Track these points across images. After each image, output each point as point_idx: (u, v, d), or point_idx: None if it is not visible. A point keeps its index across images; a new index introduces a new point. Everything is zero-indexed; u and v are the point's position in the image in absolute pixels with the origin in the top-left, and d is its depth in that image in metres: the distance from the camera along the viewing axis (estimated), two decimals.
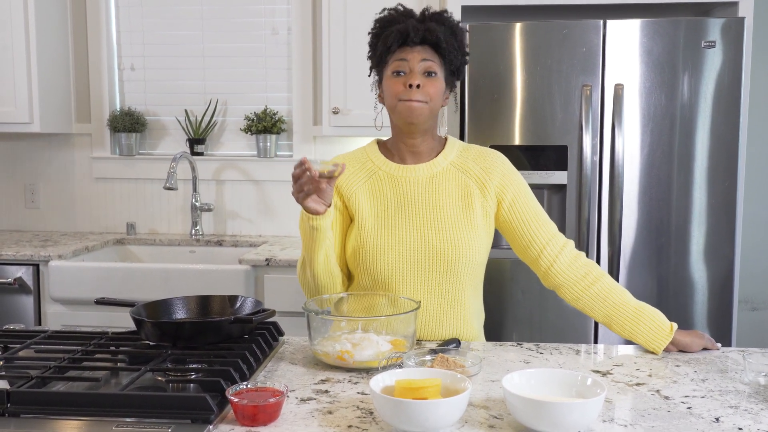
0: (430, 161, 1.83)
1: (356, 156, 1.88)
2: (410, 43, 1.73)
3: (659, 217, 2.63)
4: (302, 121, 3.45)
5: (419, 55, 1.73)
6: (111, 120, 3.50)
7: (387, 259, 1.76)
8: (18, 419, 1.23)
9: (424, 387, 1.23)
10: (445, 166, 1.83)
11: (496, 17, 3.11)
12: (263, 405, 1.22)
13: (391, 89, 1.75)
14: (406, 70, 1.74)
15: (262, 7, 3.47)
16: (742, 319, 3.28)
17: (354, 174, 1.84)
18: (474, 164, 1.83)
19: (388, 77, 1.77)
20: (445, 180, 1.81)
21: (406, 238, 1.77)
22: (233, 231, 3.54)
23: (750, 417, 1.27)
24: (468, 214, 1.79)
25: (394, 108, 1.76)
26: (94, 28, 3.50)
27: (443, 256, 1.76)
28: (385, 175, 1.83)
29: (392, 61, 1.75)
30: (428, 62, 1.74)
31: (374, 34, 1.82)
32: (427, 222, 1.77)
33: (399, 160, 1.84)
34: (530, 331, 2.69)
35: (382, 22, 1.80)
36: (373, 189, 1.82)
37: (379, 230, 1.77)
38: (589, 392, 1.26)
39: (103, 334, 1.66)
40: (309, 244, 1.71)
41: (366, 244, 1.77)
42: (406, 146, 1.83)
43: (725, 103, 2.58)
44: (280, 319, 1.78)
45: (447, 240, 1.76)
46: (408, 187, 1.81)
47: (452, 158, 1.84)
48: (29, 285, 2.94)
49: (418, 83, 1.71)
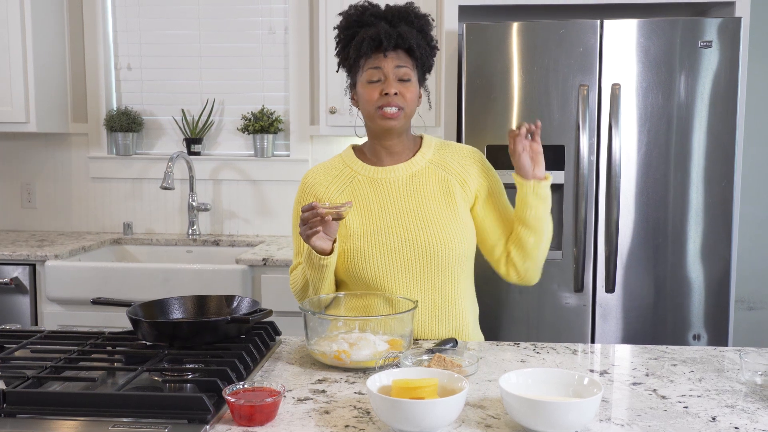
0: (408, 161, 1.85)
1: (333, 164, 1.90)
2: (383, 50, 1.74)
3: (656, 217, 2.63)
4: (299, 120, 3.45)
5: (393, 62, 1.75)
6: (108, 120, 3.50)
7: (376, 262, 1.76)
8: (14, 419, 1.23)
9: (421, 387, 1.23)
10: (423, 165, 1.84)
11: (493, 17, 3.11)
12: (260, 405, 1.21)
13: (366, 96, 1.77)
14: (381, 78, 1.75)
15: (259, 7, 3.47)
16: (739, 319, 3.28)
17: (332, 182, 1.85)
18: (453, 160, 1.86)
19: (362, 84, 1.78)
20: (425, 177, 1.83)
21: (393, 238, 1.77)
22: (230, 231, 3.54)
23: (746, 416, 1.28)
24: (451, 208, 1.81)
25: (371, 116, 1.79)
26: (90, 28, 3.49)
27: (432, 252, 1.76)
28: (365, 179, 1.84)
29: (366, 68, 1.77)
30: (403, 68, 1.76)
31: (343, 36, 1.81)
32: (412, 220, 1.78)
33: (377, 162, 1.86)
34: (527, 330, 2.69)
35: (349, 21, 1.79)
36: (353, 194, 1.83)
37: (365, 234, 1.78)
38: (586, 392, 1.26)
39: (99, 334, 1.66)
40: (315, 276, 1.74)
41: (353, 250, 1.77)
42: (383, 148, 1.84)
43: (722, 103, 2.58)
44: (277, 319, 1.78)
45: (434, 235, 1.77)
46: (389, 188, 1.82)
47: (430, 156, 1.86)
48: (26, 285, 2.94)
49: (395, 92, 1.74)
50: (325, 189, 1.84)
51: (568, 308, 2.67)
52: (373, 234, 1.77)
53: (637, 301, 2.65)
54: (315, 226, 1.63)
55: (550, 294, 2.67)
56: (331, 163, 1.90)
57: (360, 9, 1.79)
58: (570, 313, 2.66)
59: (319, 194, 1.84)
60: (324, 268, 1.71)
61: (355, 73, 1.81)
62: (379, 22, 1.75)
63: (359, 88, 1.79)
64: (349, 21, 1.79)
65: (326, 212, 1.61)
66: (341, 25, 1.81)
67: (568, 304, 2.66)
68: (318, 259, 1.69)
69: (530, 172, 1.78)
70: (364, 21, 1.76)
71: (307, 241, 1.67)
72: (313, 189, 1.86)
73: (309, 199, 1.85)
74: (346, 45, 1.80)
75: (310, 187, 1.86)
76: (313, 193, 1.85)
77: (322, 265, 1.70)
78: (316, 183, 1.86)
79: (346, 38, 1.80)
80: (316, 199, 1.83)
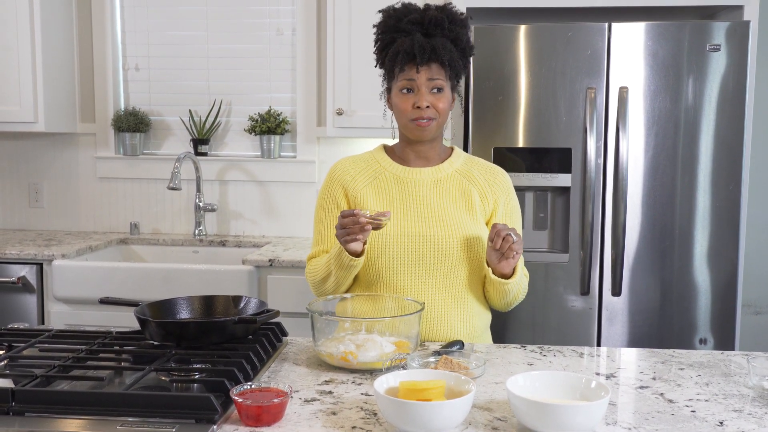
0: (436, 166, 1.90)
1: (363, 157, 1.95)
2: (417, 64, 1.78)
3: (663, 221, 2.62)
4: (306, 122, 3.46)
5: (426, 74, 1.79)
6: (115, 120, 3.50)
7: (392, 252, 1.79)
8: (22, 418, 1.23)
9: (428, 388, 1.23)
10: (450, 172, 1.89)
11: (500, 19, 3.11)
12: (267, 405, 1.22)
13: (400, 107, 1.83)
14: (414, 89, 1.80)
15: (266, 8, 3.48)
16: (746, 323, 3.27)
17: (360, 173, 1.89)
18: (479, 174, 1.90)
19: (396, 93, 1.83)
20: (449, 184, 1.87)
21: (411, 231, 1.80)
22: (236, 231, 3.54)
23: (754, 421, 1.27)
24: (471, 213, 1.85)
25: (404, 125, 1.85)
26: (99, 28, 3.50)
27: (447, 250, 1.79)
28: (391, 176, 1.88)
29: (401, 79, 1.81)
30: (436, 81, 1.80)
31: (381, 39, 1.85)
32: (432, 217, 1.82)
33: (405, 163, 1.91)
34: (533, 333, 2.68)
35: (387, 25, 1.83)
36: (379, 188, 1.87)
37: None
38: (593, 395, 1.26)
39: (107, 334, 1.67)
40: (342, 274, 1.77)
41: (371, 238, 1.79)
42: (414, 152, 1.90)
43: (730, 107, 2.58)
44: (284, 319, 1.78)
45: (451, 235, 1.80)
46: (413, 188, 1.86)
47: (457, 166, 1.91)
48: (33, 284, 2.95)
49: (427, 105, 1.79)
50: (352, 179, 1.88)
51: (574, 311, 2.66)
52: (392, 226, 1.80)
53: (643, 304, 2.64)
54: (354, 233, 1.66)
55: (557, 297, 2.66)
56: (360, 157, 1.95)
57: (398, 14, 1.82)
58: (576, 316, 2.66)
59: (346, 184, 1.88)
60: (353, 269, 1.75)
61: (390, 80, 1.87)
62: (416, 31, 1.78)
63: (394, 97, 1.85)
64: (387, 25, 1.83)
65: (367, 222, 1.64)
66: (380, 28, 1.85)
67: (575, 307, 2.66)
68: (349, 260, 1.73)
69: (495, 264, 1.76)
70: (401, 28, 1.80)
71: (343, 244, 1.70)
72: (340, 178, 1.90)
73: (336, 187, 1.89)
74: (383, 48, 1.84)
75: (338, 176, 1.90)
76: (340, 182, 1.89)
77: (352, 265, 1.74)
78: (344, 172, 1.90)
79: (383, 42, 1.84)
80: (343, 189, 1.88)
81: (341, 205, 1.87)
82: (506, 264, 1.74)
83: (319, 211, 1.92)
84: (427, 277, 1.80)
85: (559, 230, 2.68)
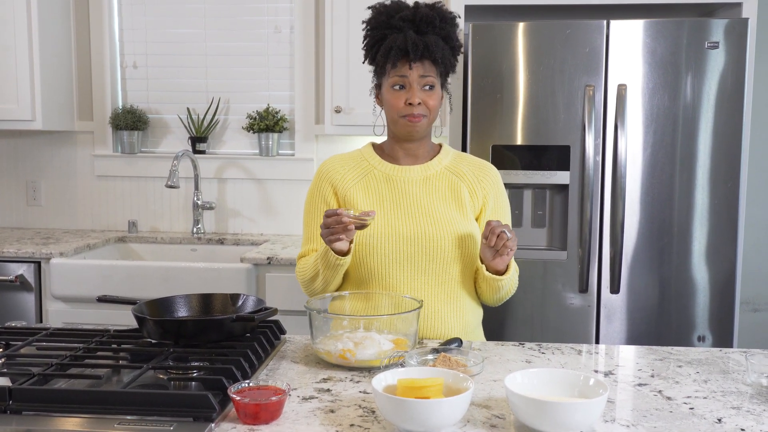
0: (425, 164, 1.89)
1: (351, 156, 1.94)
2: (409, 60, 1.78)
3: (661, 218, 2.62)
4: (304, 119, 3.45)
5: (418, 71, 1.79)
6: (113, 118, 3.50)
7: (383, 250, 1.79)
8: (20, 416, 1.23)
9: (427, 386, 1.23)
10: (439, 170, 1.89)
11: (499, 17, 3.11)
12: (265, 403, 1.22)
13: (391, 102, 1.82)
14: (406, 85, 1.80)
15: (264, 6, 3.47)
16: (744, 321, 3.27)
17: (349, 172, 1.89)
18: (468, 170, 1.91)
19: (387, 89, 1.83)
20: (438, 181, 1.88)
21: (401, 230, 1.80)
22: (235, 229, 3.54)
23: (752, 418, 1.27)
24: (461, 209, 1.85)
25: (395, 121, 1.84)
26: (96, 26, 3.50)
27: (438, 247, 1.79)
28: (381, 174, 1.88)
29: (392, 75, 1.81)
30: (428, 78, 1.80)
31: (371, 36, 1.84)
32: (422, 215, 1.82)
33: (394, 161, 1.90)
34: (531, 330, 2.68)
35: (378, 21, 1.83)
36: (368, 186, 1.87)
37: (374, 223, 1.80)
38: (592, 392, 1.26)
39: (104, 332, 1.66)
40: (329, 274, 1.77)
41: (362, 237, 1.79)
42: (403, 149, 1.89)
43: (728, 104, 2.58)
44: (282, 317, 1.78)
45: (441, 231, 1.80)
46: (402, 186, 1.86)
47: (446, 163, 1.91)
48: (31, 282, 2.94)
49: (419, 101, 1.78)
50: (340, 177, 1.88)
51: (572, 309, 2.66)
52: (383, 224, 1.80)
53: (641, 301, 2.64)
54: (338, 233, 1.65)
55: (555, 294, 2.66)
56: (349, 155, 1.95)
57: (389, 10, 1.82)
58: (574, 313, 2.66)
59: (335, 182, 1.88)
60: (339, 267, 1.75)
61: (381, 76, 1.86)
62: (408, 28, 1.78)
63: (385, 92, 1.84)
64: (378, 21, 1.82)
65: (350, 221, 1.63)
66: (370, 24, 1.85)
67: (573, 304, 2.66)
68: (335, 259, 1.72)
69: (489, 261, 1.76)
70: (392, 24, 1.80)
71: (327, 243, 1.70)
72: (329, 176, 1.90)
73: (325, 186, 1.89)
74: (374, 45, 1.84)
75: (327, 175, 1.90)
76: (329, 181, 1.89)
77: (339, 264, 1.74)
78: (333, 171, 1.90)
79: (374, 38, 1.84)
80: (332, 187, 1.88)
81: (330, 203, 1.87)
82: (500, 261, 1.74)
83: (308, 210, 1.91)
84: (419, 275, 1.80)
85: (558, 228, 2.68)
